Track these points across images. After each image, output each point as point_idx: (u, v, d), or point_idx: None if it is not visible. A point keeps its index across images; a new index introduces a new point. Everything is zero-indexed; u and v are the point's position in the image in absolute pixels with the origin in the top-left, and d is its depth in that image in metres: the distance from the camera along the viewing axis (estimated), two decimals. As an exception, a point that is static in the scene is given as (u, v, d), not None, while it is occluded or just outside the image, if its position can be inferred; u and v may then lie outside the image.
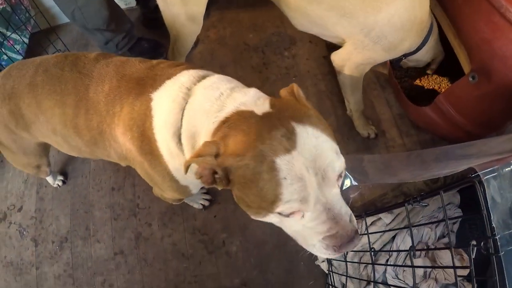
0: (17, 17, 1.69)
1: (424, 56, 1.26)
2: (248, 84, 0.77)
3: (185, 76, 0.75)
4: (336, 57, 1.26)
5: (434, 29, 1.19)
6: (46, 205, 1.49)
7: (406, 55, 1.23)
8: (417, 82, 1.50)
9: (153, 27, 1.73)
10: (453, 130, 1.31)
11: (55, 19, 1.92)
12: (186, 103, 0.71)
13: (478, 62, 1.09)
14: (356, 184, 1.01)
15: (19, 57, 1.71)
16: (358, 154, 1.41)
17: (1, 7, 1.60)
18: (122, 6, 1.73)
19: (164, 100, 0.73)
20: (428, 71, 1.44)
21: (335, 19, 1.09)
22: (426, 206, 0.81)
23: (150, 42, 1.64)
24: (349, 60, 1.22)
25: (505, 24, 0.96)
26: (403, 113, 1.50)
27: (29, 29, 1.78)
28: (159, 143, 0.74)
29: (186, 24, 1.21)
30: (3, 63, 1.69)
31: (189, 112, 0.70)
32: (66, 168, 1.54)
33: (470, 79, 1.11)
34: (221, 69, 1.62)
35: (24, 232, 1.46)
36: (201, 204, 1.37)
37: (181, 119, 0.71)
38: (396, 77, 1.49)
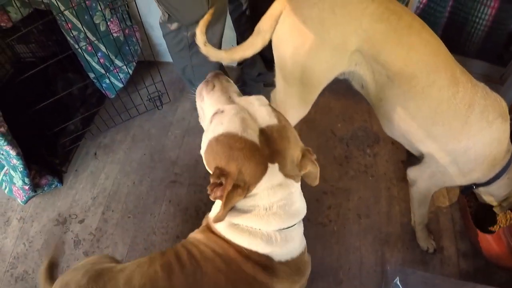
0: (127, 48, 1.93)
1: (495, 190, 1.38)
2: (326, 174, 0.93)
3: None
4: (411, 172, 1.43)
5: (510, 169, 1.31)
6: (108, 228, 1.64)
7: (476, 185, 1.38)
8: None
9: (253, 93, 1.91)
10: (508, 259, 1.39)
11: (161, 55, 2.18)
12: None
13: None
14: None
15: (120, 85, 1.94)
16: (411, 268, 1.53)
17: (115, 35, 1.84)
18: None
19: None
20: (495, 209, 1.52)
21: (421, 137, 1.27)
22: None
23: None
24: (421, 178, 1.39)
25: None
26: (465, 232, 1.62)
27: (135, 61, 2.01)
28: None
29: (296, 106, 1.33)
30: (104, 85, 1.92)
31: None
32: (137, 201, 1.71)
33: None
34: (305, 151, 1.80)
35: (79, 244, 1.61)
36: None
37: None
38: (466, 196, 1.62)
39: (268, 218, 0.78)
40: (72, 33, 1.69)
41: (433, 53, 1.14)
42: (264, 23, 1.18)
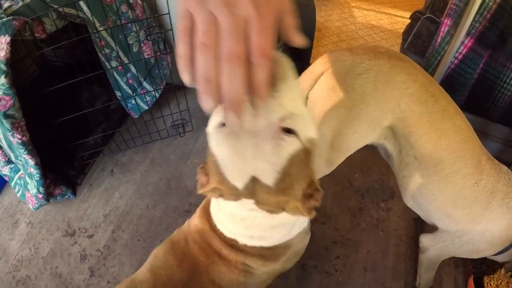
0: (157, 71, 1.99)
1: (499, 258, 1.42)
2: (338, 224, 0.94)
3: None
4: (425, 240, 1.47)
5: None
6: (116, 248, 1.68)
7: None
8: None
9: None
10: None
11: (189, 80, 2.24)
12: None
13: None
14: None
15: (145, 107, 2.01)
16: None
17: (147, 57, 1.91)
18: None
19: None
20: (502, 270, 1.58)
21: (440, 216, 1.31)
22: None
23: None
24: (434, 248, 1.43)
25: None
26: None
27: (163, 85, 2.08)
28: None
29: (323, 166, 1.36)
30: (129, 105, 1.98)
31: None
32: (148, 226, 1.75)
33: None
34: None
35: (85, 259, 1.64)
36: None
37: None
38: (472, 263, 1.66)
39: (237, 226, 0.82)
40: (105, 51, 1.76)
41: (463, 140, 1.17)
42: (303, 81, 1.22)
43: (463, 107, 2.30)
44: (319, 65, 1.19)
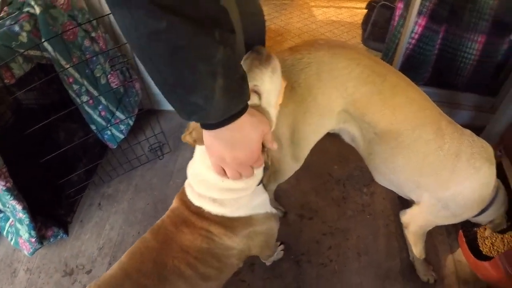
0: (127, 99, 2.06)
1: (481, 219, 1.49)
2: (325, 216, 1.02)
3: None
4: (404, 216, 1.54)
5: (497, 199, 1.42)
6: (116, 278, 1.73)
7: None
8: (482, 232, 1.75)
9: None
10: (507, 283, 1.49)
11: (160, 104, 2.32)
12: None
13: None
14: None
15: (122, 136, 2.07)
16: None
17: (116, 87, 1.98)
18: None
19: None
20: (487, 233, 1.67)
21: (411, 187, 1.39)
22: None
23: None
24: (414, 221, 1.50)
25: None
26: (463, 260, 1.72)
27: (136, 111, 2.15)
28: None
29: (290, 162, 1.43)
30: (106, 137, 2.04)
31: None
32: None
33: None
34: (303, 196, 1.93)
35: None
36: None
37: None
38: (462, 227, 1.73)
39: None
40: (74, 87, 1.82)
41: (419, 109, 1.24)
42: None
43: (429, 83, 2.42)
44: None
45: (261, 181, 1.06)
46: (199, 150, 1.00)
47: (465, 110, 2.39)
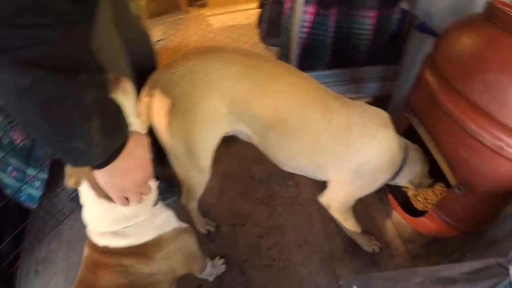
0: (36, 152, 2.01)
1: (399, 180, 1.58)
2: (256, 219, 1.05)
3: None
4: (323, 198, 1.60)
5: (409, 159, 1.50)
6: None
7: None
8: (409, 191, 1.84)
9: (167, 164, 2.04)
10: (448, 231, 1.60)
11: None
12: None
13: (460, 177, 1.41)
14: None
15: (39, 193, 2.01)
16: (367, 273, 1.66)
17: (21, 144, 1.92)
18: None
19: None
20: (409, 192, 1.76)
21: (314, 169, 1.45)
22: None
23: (164, 182, 1.87)
24: (333, 201, 1.56)
25: (478, 146, 1.26)
26: (402, 221, 1.81)
27: (47, 164, 2.08)
28: None
29: (196, 175, 1.45)
30: (23, 198, 1.98)
31: None
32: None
33: (457, 190, 1.42)
34: (231, 204, 1.94)
35: None
36: None
37: None
38: (390, 190, 1.82)
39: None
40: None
41: (302, 92, 1.29)
42: (141, 111, 1.27)
43: (331, 65, 2.51)
44: (143, 94, 1.26)
45: (157, 200, 1.07)
46: (83, 191, 0.99)
47: (371, 82, 2.50)
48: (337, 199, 1.55)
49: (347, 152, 1.35)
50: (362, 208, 1.93)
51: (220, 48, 1.28)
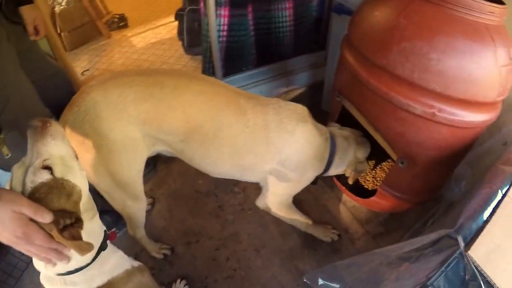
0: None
1: (333, 171, 1.57)
2: (209, 232, 1.08)
3: None
4: (259, 203, 1.60)
5: (338, 148, 1.50)
6: None
7: (320, 175, 1.55)
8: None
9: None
10: (402, 205, 1.61)
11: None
12: None
13: (400, 151, 1.40)
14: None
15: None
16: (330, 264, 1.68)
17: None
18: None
19: None
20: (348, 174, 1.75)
21: (240, 172, 1.43)
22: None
23: (112, 215, 1.83)
24: (270, 202, 1.56)
25: (410, 116, 1.25)
26: (357, 204, 1.82)
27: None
28: None
29: (132, 204, 1.40)
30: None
31: None
32: None
33: (400, 164, 1.42)
34: (182, 223, 1.89)
35: None
36: None
37: None
38: (337, 176, 1.80)
39: None
40: None
41: (210, 98, 1.26)
42: None
43: (259, 63, 2.50)
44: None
45: (101, 248, 1.01)
46: None
47: (302, 72, 2.52)
48: (273, 200, 1.54)
49: (268, 151, 1.35)
50: (313, 199, 1.94)
51: (119, 74, 1.24)
